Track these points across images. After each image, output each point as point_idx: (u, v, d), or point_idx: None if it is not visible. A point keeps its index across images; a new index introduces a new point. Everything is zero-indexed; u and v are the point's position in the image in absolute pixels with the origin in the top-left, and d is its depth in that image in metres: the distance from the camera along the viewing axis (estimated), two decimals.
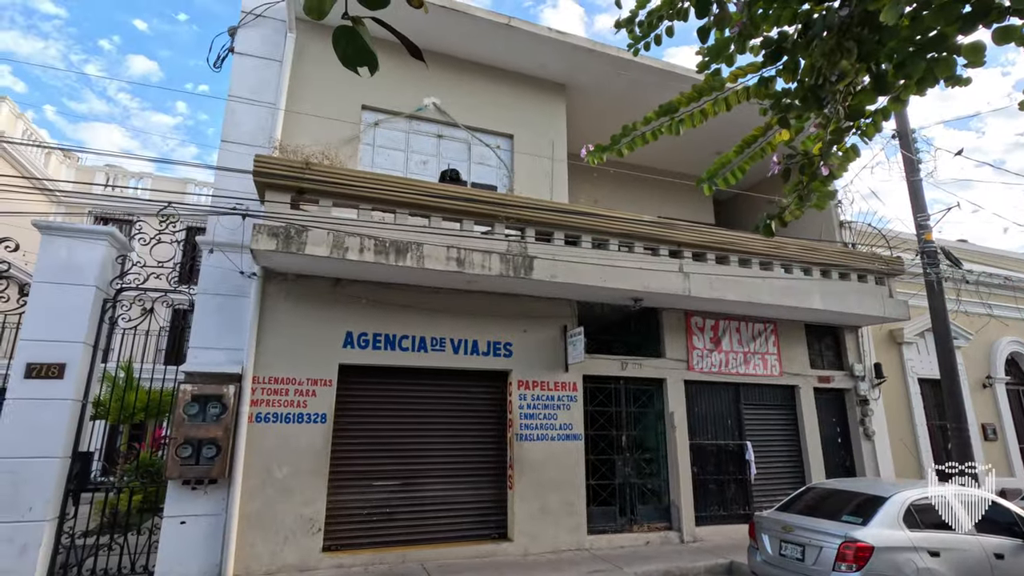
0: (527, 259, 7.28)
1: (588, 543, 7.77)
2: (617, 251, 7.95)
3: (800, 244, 9.27)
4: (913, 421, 10.69)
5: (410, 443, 7.46)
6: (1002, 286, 12.14)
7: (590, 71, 9.29)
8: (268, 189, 6.37)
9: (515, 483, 7.58)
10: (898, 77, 3.11)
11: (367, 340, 7.31)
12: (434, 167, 8.61)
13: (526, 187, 8.74)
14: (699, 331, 9.37)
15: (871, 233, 10.88)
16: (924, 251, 9.02)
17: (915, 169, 9.27)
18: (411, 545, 7.05)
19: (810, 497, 6.40)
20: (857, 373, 10.28)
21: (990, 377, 11.79)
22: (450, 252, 6.90)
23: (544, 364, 8.15)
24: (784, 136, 3.76)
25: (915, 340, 11.04)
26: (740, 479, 9.16)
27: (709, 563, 7.20)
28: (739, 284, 8.54)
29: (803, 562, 5.45)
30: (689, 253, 8.44)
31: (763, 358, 9.66)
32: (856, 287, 9.51)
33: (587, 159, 4.14)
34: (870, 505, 5.61)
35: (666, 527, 8.46)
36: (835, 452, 10.04)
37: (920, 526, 5.46)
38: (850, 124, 3.43)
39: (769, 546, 5.88)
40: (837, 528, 5.38)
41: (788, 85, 3.44)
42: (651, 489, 8.71)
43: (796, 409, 9.85)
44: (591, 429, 8.43)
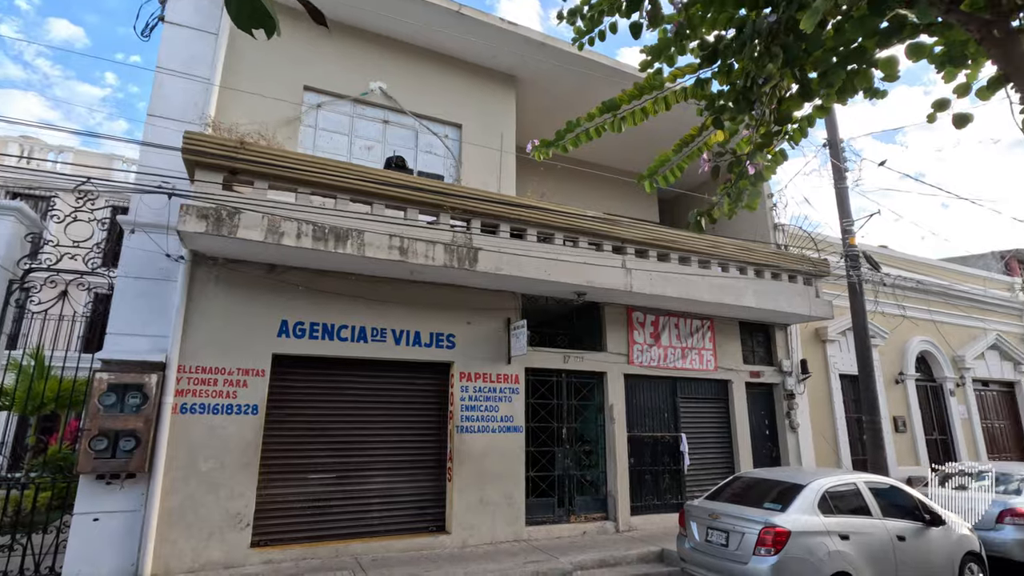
0: (472, 251, 7.23)
1: (526, 534, 7.84)
2: (562, 245, 8.02)
3: (736, 244, 9.64)
4: (833, 414, 11.37)
5: (347, 435, 7.28)
6: (915, 289, 13.08)
7: (541, 65, 9.30)
8: (198, 168, 6.03)
9: (454, 475, 7.55)
10: (821, 85, 3.26)
11: (303, 329, 7.07)
12: (379, 153, 8.40)
13: (474, 178, 8.67)
14: (640, 326, 9.60)
15: (801, 236, 11.46)
16: (848, 254, 9.59)
17: (842, 177, 9.82)
18: (346, 539, 6.90)
19: (737, 486, 6.69)
20: (785, 369, 10.84)
21: (902, 373, 12.70)
22: (393, 241, 6.75)
23: (487, 356, 8.14)
24: (719, 137, 3.88)
25: (837, 338, 11.73)
26: (674, 470, 9.48)
27: (642, 551, 7.42)
28: (679, 281, 8.79)
29: (727, 547, 5.70)
30: (632, 250, 8.61)
31: (700, 353, 10.02)
32: (786, 287, 9.99)
33: (532, 154, 4.14)
34: (789, 493, 5.92)
35: (603, 517, 8.66)
36: (763, 443, 10.55)
37: (833, 512, 5.81)
38: (779, 129, 3.58)
39: (697, 533, 6.12)
40: (759, 515, 5.66)
41: (723, 87, 3.55)
42: (589, 480, 8.88)
43: (728, 402, 10.27)
44: (532, 421, 8.49)
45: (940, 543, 6.26)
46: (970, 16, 2.62)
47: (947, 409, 13.24)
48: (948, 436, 13.13)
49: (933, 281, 13.60)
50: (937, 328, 13.32)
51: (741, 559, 5.51)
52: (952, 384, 13.40)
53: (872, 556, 5.72)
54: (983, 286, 15.08)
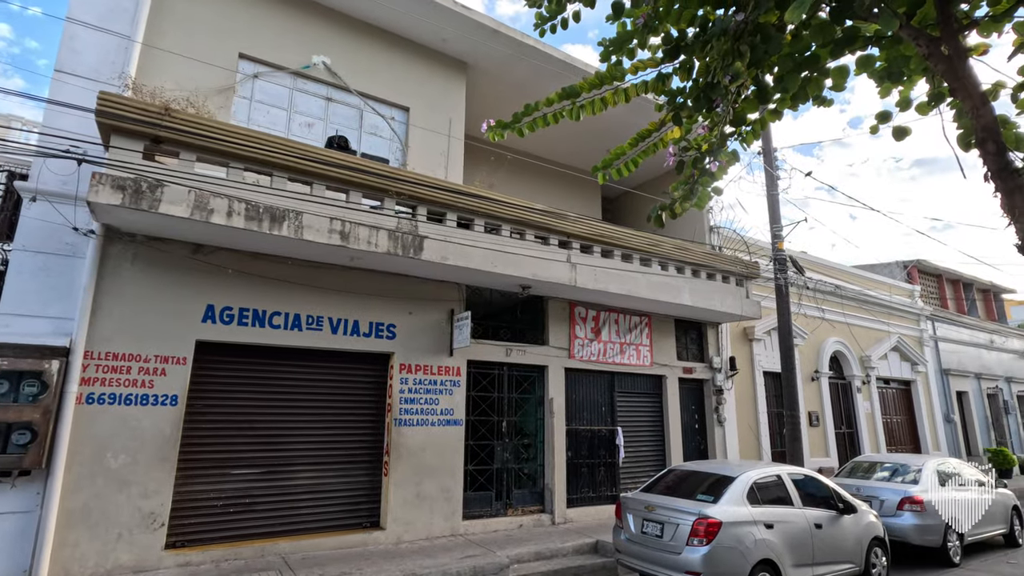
0: (417, 238, 7.00)
1: (463, 528, 7.74)
2: (509, 237, 7.93)
3: (675, 244, 9.92)
4: (757, 409, 12.01)
5: (276, 428, 6.88)
6: (833, 293, 14.04)
7: (494, 53, 9.13)
8: (115, 133, 5.44)
9: (391, 470, 7.32)
10: (777, 90, 3.34)
11: (232, 315, 6.59)
12: (320, 131, 7.96)
13: (420, 163, 8.41)
14: (582, 321, 9.70)
15: (735, 239, 11.98)
16: (776, 258, 10.11)
17: (774, 185, 10.33)
18: (272, 537, 6.52)
19: (671, 478, 6.89)
20: (715, 365, 11.31)
21: (817, 371, 13.60)
22: (333, 224, 6.41)
23: (428, 348, 7.94)
24: (676, 133, 3.90)
25: (763, 337, 12.38)
26: (610, 462, 9.68)
27: (577, 543, 7.50)
28: (621, 278, 8.94)
29: (662, 538, 5.84)
30: (577, 245, 8.66)
31: (637, 349, 10.26)
32: (720, 287, 10.40)
33: (487, 134, 4.00)
34: (720, 484, 6.15)
35: (539, 510, 8.70)
36: (692, 437, 10.98)
37: (760, 502, 6.10)
38: (733, 130, 3.64)
39: (633, 525, 6.24)
40: (692, 506, 5.84)
41: (683, 84, 3.56)
42: (527, 474, 8.89)
43: (662, 397, 10.60)
44: (472, 414, 8.39)
45: (851, 529, 6.71)
46: (920, 32, 2.73)
47: (854, 405, 14.33)
48: (854, 430, 14.22)
49: (848, 286, 14.65)
50: (849, 330, 14.37)
51: (675, 549, 5.66)
52: (859, 382, 14.51)
53: (792, 543, 6.04)
54: (888, 292, 16.42)
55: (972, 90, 2.44)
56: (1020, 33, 2.67)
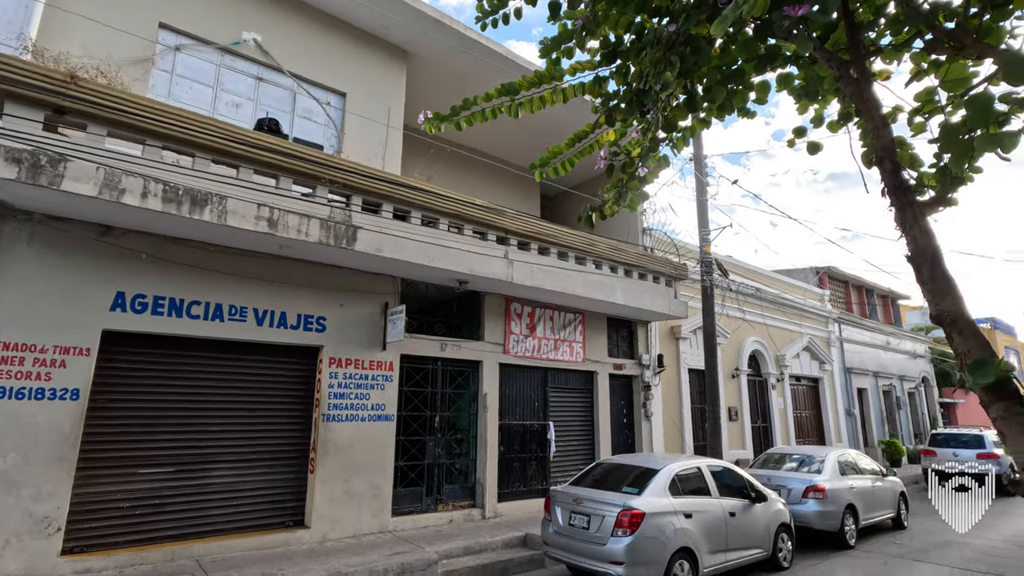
0: (351, 229, 6.80)
1: (392, 525, 7.63)
2: (447, 231, 7.86)
3: (610, 244, 10.19)
4: (682, 404, 12.58)
5: (193, 424, 6.50)
6: (753, 295, 14.90)
7: (435, 43, 8.99)
8: (10, 100, 4.92)
9: (318, 466, 7.09)
10: (705, 99, 3.49)
11: (145, 303, 6.15)
12: (250, 112, 7.56)
13: (356, 152, 8.16)
14: (517, 317, 9.77)
15: (666, 241, 12.45)
16: (703, 261, 10.60)
17: (704, 190, 10.82)
18: (185, 540, 6.16)
19: (598, 471, 7.09)
20: (645, 362, 11.73)
21: (737, 369, 14.42)
22: (261, 211, 6.11)
23: (360, 341, 7.74)
24: (610, 136, 4.00)
25: (689, 336, 12.96)
26: (541, 456, 9.83)
27: (506, 536, 7.58)
28: (558, 275, 9.07)
29: (588, 530, 6.01)
30: (515, 241, 8.71)
31: (571, 345, 10.47)
32: (651, 287, 10.79)
33: (424, 125, 3.94)
34: (645, 477, 6.40)
35: (470, 505, 8.71)
36: (621, 431, 11.35)
37: (681, 493, 6.39)
38: (665, 135, 3.78)
39: (561, 518, 6.37)
40: (618, 498, 6.04)
41: (619, 88, 3.66)
42: (459, 469, 8.88)
43: (593, 393, 10.88)
44: (405, 410, 8.27)
45: (761, 517, 7.17)
46: (832, 55, 2.93)
47: (769, 401, 15.30)
48: (768, 424, 15.19)
49: (767, 289, 15.59)
50: (767, 331, 15.31)
51: (600, 540, 5.84)
52: (774, 379, 15.50)
53: (709, 531, 6.38)
54: (802, 296, 17.63)
55: (875, 112, 2.65)
56: (916, 62, 2.92)
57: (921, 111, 2.87)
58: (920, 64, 2.94)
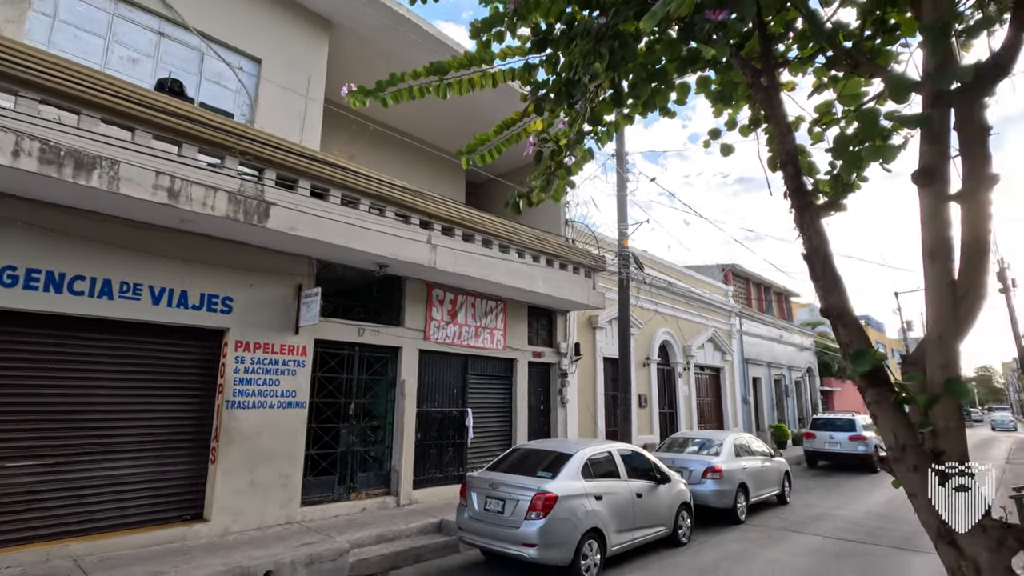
0: (263, 204, 6.39)
1: (301, 515, 7.34)
2: (368, 212, 7.60)
3: (532, 233, 10.31)
4: (596, 391, 13.05)
5: (75, 413, 5.89)
6: (665, 289, 15.69)
7: (362, 15, 8.60)
8: None
9: (220, 456, 6.67)
10: (630, 96, 3.59)
11: (16, 276, 5.46)
12: (149, 70, 6.88)
13: (271, 123, 7.67)
14: (439, 303, 9.67)
15: (586, 234, 12.79)
16: (621, 254, 11.00)
17: (624, 186, 11.19)
18: (62, 538, 5.59)
19: (515, 457, 7.21)
20: (562, 351, 12.04)
21: (648, 359, 15.16)
22: (160, 180, 5.59)
23: (270, 324, 7.34)
24: (538, 125, 4.02)
25: (605, 326, 13.44)
26: (459, 443, 9.84)
27: (421, 523, 7.54)
28: (481, 262, 9.06)
29: (503, 514, 6.10)
30: (439, 226, 8.59)
31: (491, 333, 10.52)
32: (571, 277, 11.05)
33: (348, 98, 3.76)
34: (559, 461, 6.59)
35: (385, 492, 8.57)
36: (538, 417, 11.60)
37: (592, 476, 6.65)
38: (590, 128, 3.85)
39: (476, 503, 6.43)
40: (532, 483, 6.17)
41: (548, 77, 3.68)
42: (374, 456, 8.70)
43: (512, 380, 11.02)
44: (318, 396, 7.96)
45: (665, 497, 7.62)
46: (746, 63, 3.10)
47: (676, 388, 16.24)
48: (674, 410, 16.13)
49: (678, 283, 16.47)
50: (676, 323, 16.20)
51: (514, 524, 5.95)
52: (681, 368, 16.46)
53: (617, 512, 6.69)
54: (709, 291, 18.81)
55: (781, 119, 2.84)
56: (818, 77, 3.16)
57: (820, 122, 3.11)
58: (821, 78, 3.19)
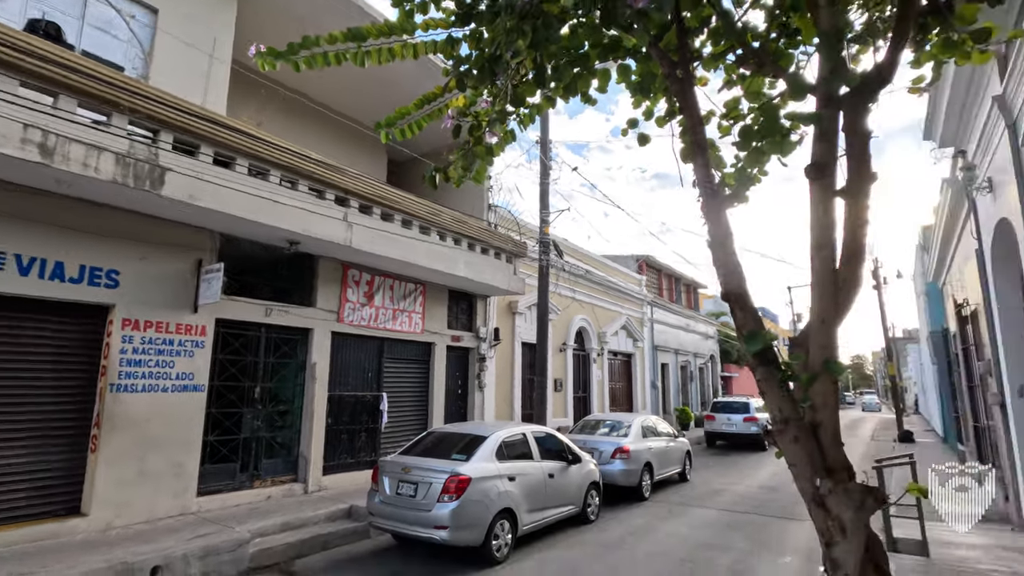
0: (158, 170, 5.82)
1: (196, 506, 6.87)
2: (278, 185, 7.14)
3: (454, 216, 10.19)
4: (514, 376, 13.22)
5: None
6: (583, 276, 16.12)
7: None
8: None
9: (101, 444, 6.08)
10: (553, 78, 3.59)
11: None
12: (17, 9, 6.01)
13: (170, 81, 6.97)
14: (355, 284, 9.34)
15: (509, 219, 12.83)
16: (542, 241, 11.14)
17: (547, 174, 11.31)
18: None
19: (429, 440, 7.14)
20: (482, 335, 12.06)
21: (565, 344, 15.55)
22: (30, 134, 4.93)
23: (165, 302, 6.75)
24: (460, 102, 3.93)
25: (524, 312, 13.61)
26: (372, 428, 9.61)
27: (330, 510, 7.30)
28: (400, 243, 8.83)
29: (415, 498, 6.03)
30: (356, 204, 8.25)
31: (410, 316, 10.33)
32: (493, 262, 11.05)
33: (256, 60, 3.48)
34: (473, 444, 6.61)
35: (292, 479, 8.21)
36: (455, 401, 11.58)
37: (506, 458, 6.73)
38: (513, 109, 3.82)
39: (388, 487, 6.31)
40: (446, 465, 6.15)
41: (471, 52, 3.59)
42: (280, 442, 8.30)
43: (430, 364, 10.90)
44: (219, 379, 7.45)
45: (576, 476, 7.87)
46: (664, 54, 3.19)
47: (590, 373, 16.81)
48: (588, 394, 16.71)
49: (596, 272, 16.98)
50: (593, 310, 16.72)
51: (426, 507, 5.91)
52: (595, 354, 17.05)
53: (530, 492, 6.83)
54: (624, 280, 19.56)
55: (693, 111, 2.94)
56: (728, 73, 3.31)
57: (728, 116, 3.26)
58: (731, 76, 3.34)
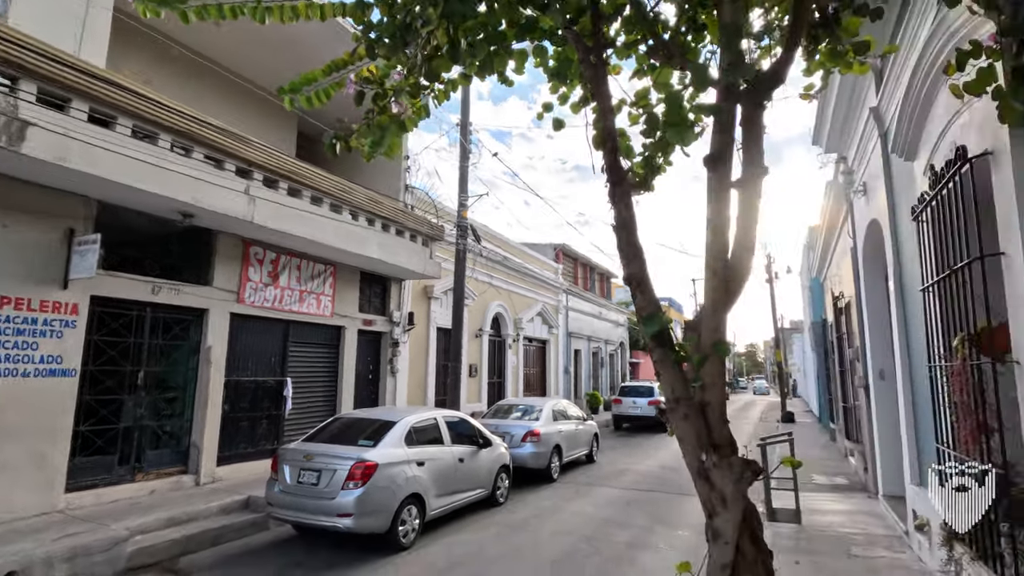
0: (18, 123, 5.09)
1: (65, 503, 6.18)
2: (168, 150, 6.50)
3: (368, 195, 9.81)
4: (428, 361, 13.06)
5: None
6: (500, 263, 16.18)
7: None
8: None
9: None
10: (468, 55, 3.49)
11: None
12: None
13: (35, 24, 6.08)
14: (258, 263, 8.75)
15: (426, 201, 12.58)
16: (460, 225, 11.02)
17: (467, 157, 11.18)
18: None
19: (335, 426, 6.88)
20: (395, 319, 11.78)
21: (481, 330, 15.58)
22: None
23: (28, 275, 5.96)
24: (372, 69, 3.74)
25: (441, 296, 13.45)
26: (275, 415, 9.12)
27: (225, 502, 6.85)
28: (308, 221, 8.36)
29: (318, 486, 5.79)
30: (260, 177, 7.70)
31: (318, 298, 9.85)
32: (408, 244, 10.79)
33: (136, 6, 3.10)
34: (382, 429, 6.44)
35: (181, 471, 7.61)
36: (366, 386, 11.24)
37: (416, 443, 6.62)
38: (427, 84, 3.68)
39: (289, 476, 6.01)
40: (352, 451, 5.95)
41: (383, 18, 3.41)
42: (169, 432, 7.65)
43: (340, 348, 10.49)
44: (95, 363, 6.72)
45: (486, 460, 7.92)
46: (579, 37, 3.19)
47: (505, 359, 16.98)
48: (503, 379, 16.88)
49: (513, 259, 17.10)
50: (509, 296, 16.85)
51: (330, 495, 5.69)
52: (511, 340, 17.23)
53: (439, 476, 6.78)
54: (541, 268, 19.88)
55: (605, 98, 2.97)
56: (639, 63, 3.37)
57: (637, 105, 3.33)
58: (642, 65, 3.41)
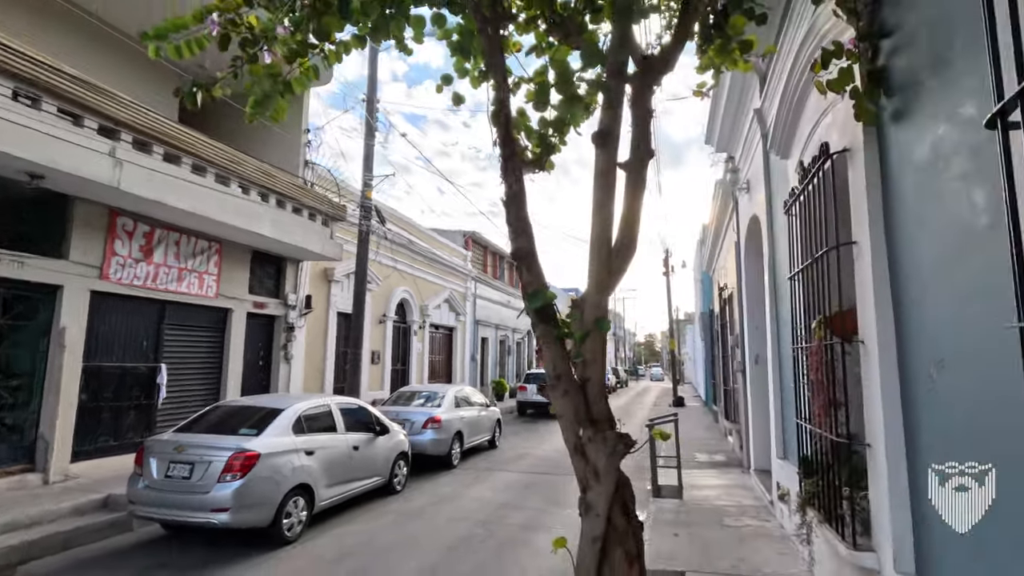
0: None
1: None
2: (10, 100, 5.59)
3: (261, 167, 9.11)
4: (327, 347, 12.46)
5: None
6: (406, 247, 15.78)
7: None
8: None
9: None
10: (359, 16, 3.27)
11: None
12: None
13: None
14: (127, 235, 7.83)
15: (328, 178, 11.93)
16: (363, 205, 10.58)
17: (372, 135, 10.72)
18: None
19: (214, 416, 6.34)
20: (291, 303, 11.10)
21: (385, 315, 15.13)
22: None
23: None
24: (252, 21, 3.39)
25: (342, 279, 12.85)
26: (146, 404, 8.26)
27: (78, 502, 6.09)
28: (189, 191, 7.60)
29: (189, 480, 5.30)
30: (130, 138, 6.87)
31: (200, 277, 9.02)
32: (305, 223, 10.17)
33: None
34: (267, 418, 6.03)
35: (26, 469, 6.68)
36: (255, 373, 10.52)
37: (305, 431, 6.27)
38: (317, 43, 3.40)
39: (156, 470, 5.45)
40: (231, 441, 5.51)
41: None
42: (10, 424, 6.67)
43: (226, 332, 9.71)
44: None
45: (383, 448, 7.69)
46: (477, 7, 3.08)
47: (410, 345, 16.64)
48: (407, 366, 16.54)
49: (420, 244, 16.75)
50: (415, 282, 16.50)
51: (203, 489, 5.22)
52: (416, 326, 16.91)
53: (331, 465, 6.47)
54: (449, 254, 19.66)
55: (499, 69, 2.91)
56: (538, 40, 3.33)
57: (534, 82, 3.29)
58: (541, 43, 3.37)
